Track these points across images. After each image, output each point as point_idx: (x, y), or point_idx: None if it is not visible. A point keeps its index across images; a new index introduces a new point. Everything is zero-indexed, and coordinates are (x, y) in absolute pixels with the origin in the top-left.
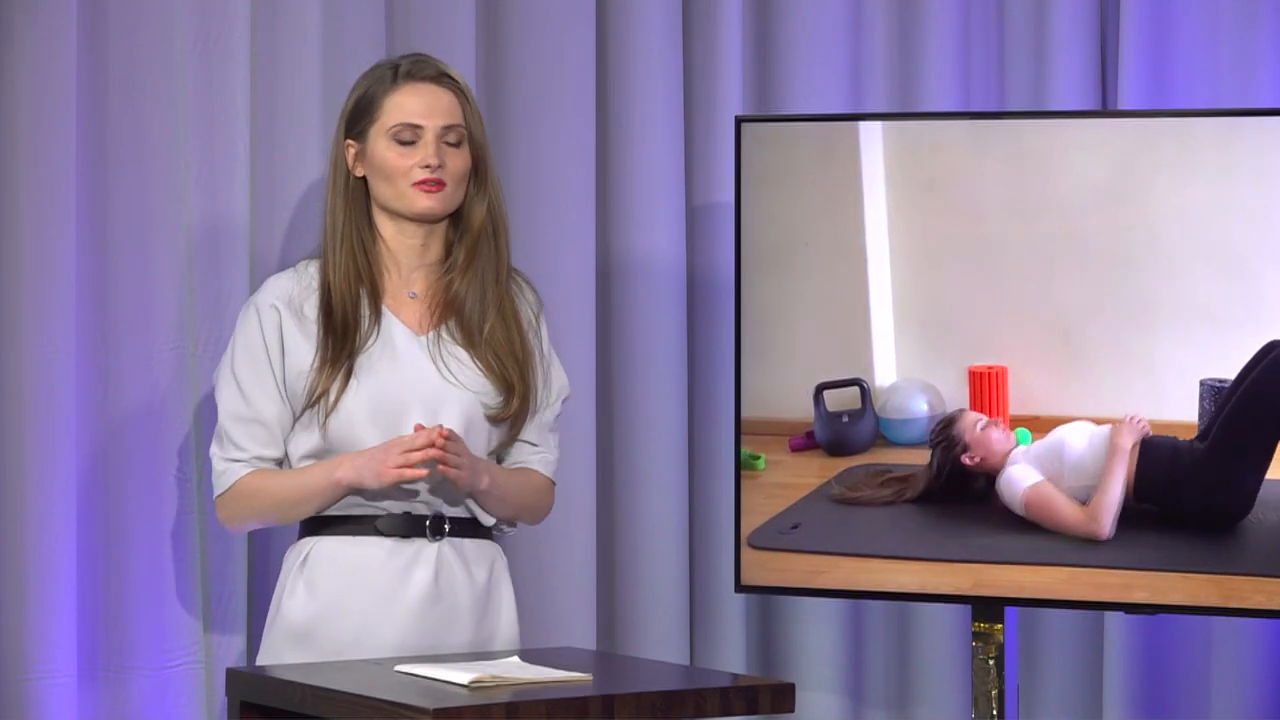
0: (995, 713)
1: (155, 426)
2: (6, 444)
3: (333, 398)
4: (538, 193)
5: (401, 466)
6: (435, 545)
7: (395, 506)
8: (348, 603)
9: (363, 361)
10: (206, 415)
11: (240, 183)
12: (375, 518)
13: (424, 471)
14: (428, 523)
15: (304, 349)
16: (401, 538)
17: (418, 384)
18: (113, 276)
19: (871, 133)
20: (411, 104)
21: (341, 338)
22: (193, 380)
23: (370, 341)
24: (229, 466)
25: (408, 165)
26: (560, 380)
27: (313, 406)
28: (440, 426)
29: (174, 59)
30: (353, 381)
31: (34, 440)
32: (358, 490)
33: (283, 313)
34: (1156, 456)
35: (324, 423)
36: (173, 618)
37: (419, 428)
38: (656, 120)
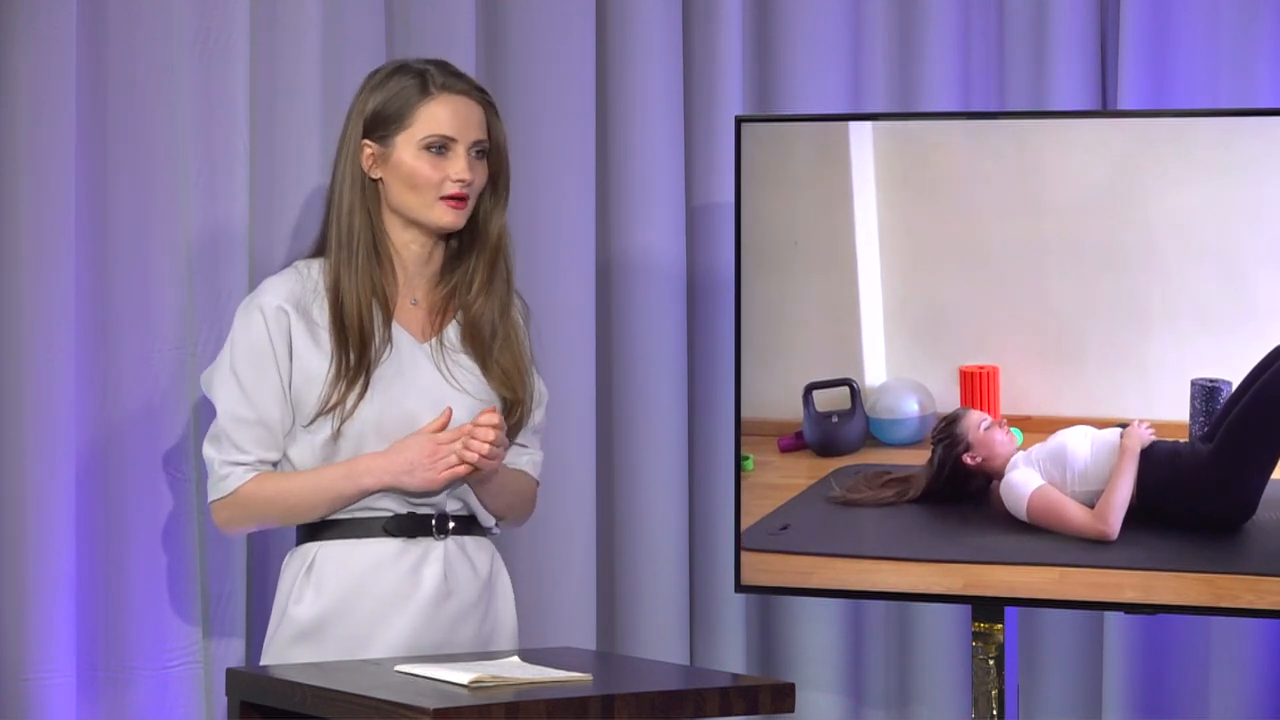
0: (995, 713)
1: (154, 427)
2: (6, 444)
3: (349, 407)
4: (538, 192)
5: (455, 467)
6: (442, 543)
7: (399, 506)
8: (359, 604)
9: (377, 373)
10: (205, 416)
11: (240, 183)
12: (381, 519)
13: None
14: (433, 521)
15: (315, 355)
16: (409, 537)
17: (426, 392)
18: (113, 277)
19: (871, 133)
20: (445, 116)
21: (359, 352)
22: (192, 380)
23: (384, 356)
24: (231, 470)
25: (439, 177)
26: (540, 386)
27: (326, 415)
28: (485, 418)
29: (174, 59)
30: (368, 392)
31: (33, 440)
32: (386, 490)
33: (292, 316)
34: (1156, 461)
35: (338, 430)
36: (172, 618)
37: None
38: (656, 120)
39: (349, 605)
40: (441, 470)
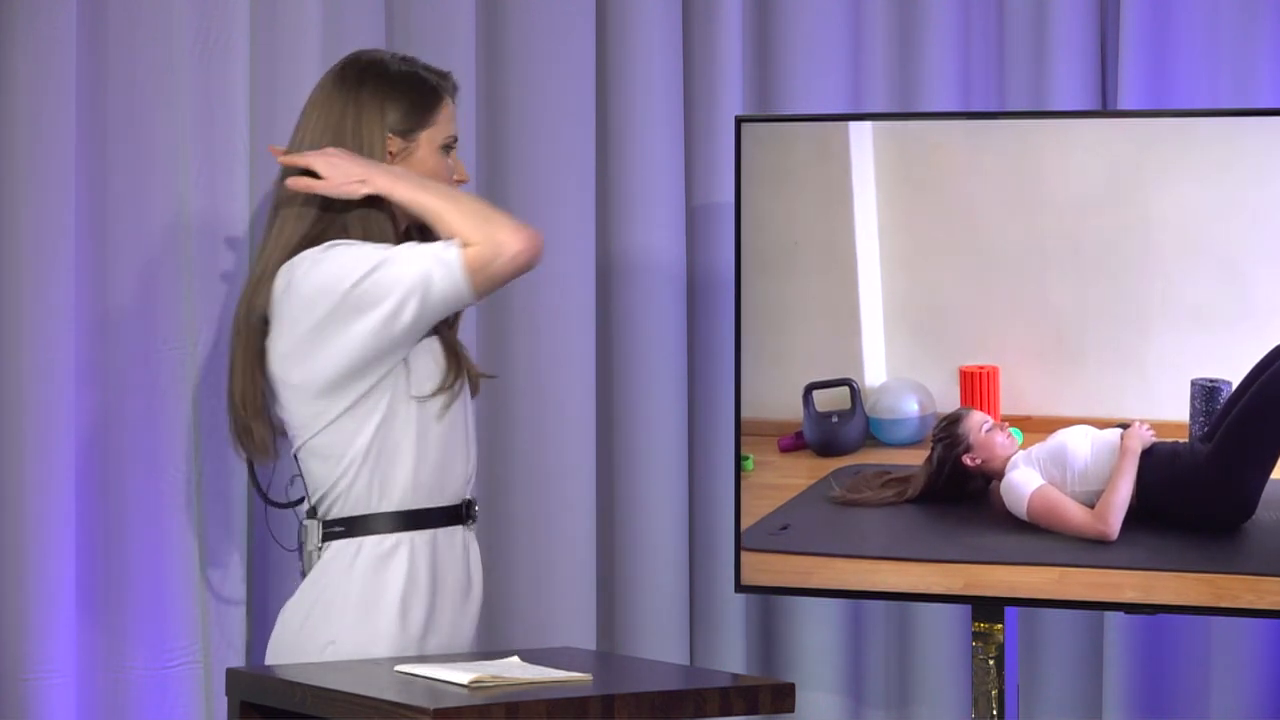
0: (995, 713)
1: (155, 426)
2: (6, 444)
3: (457, 389)
4: (538, 192)
5: None
6: (473, 533)
7: (456, 496)
8: (446, 600)
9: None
10: (206, 415)
11: (240, 183)
12: (456, 507)
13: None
14: (463, 508)
15: None
16: (466, 525)
17: (437, 358)
18: (112, 276)
19: (870, 133)
20: (454, 118)
21: (448, 332)
22: (192, 380)
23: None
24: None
25: (450, 177)
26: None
27: (444, 392)
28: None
29: (174, 59)
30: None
31: (34, 440)
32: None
33: None
34: (1157, 461)
35: (448, 405)
36: (172, 618)
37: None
38: (656, 120)
39: (442, 601)
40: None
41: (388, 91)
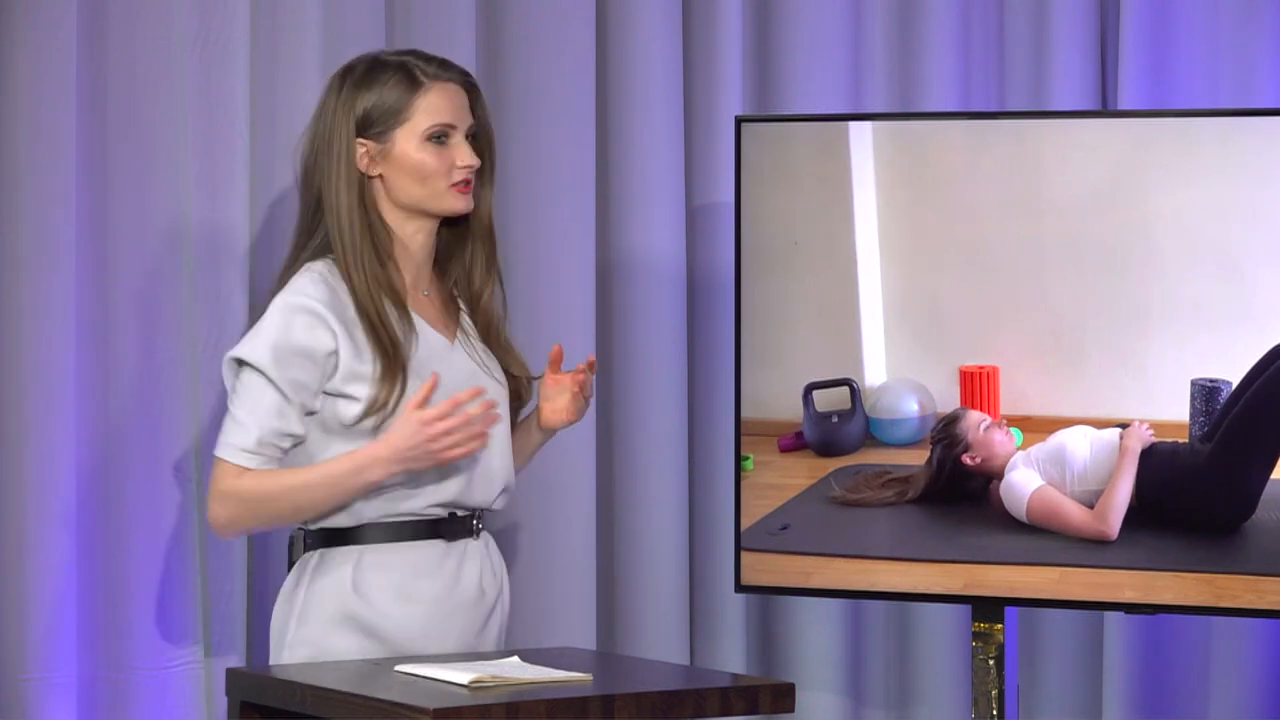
0: (995, 713)
1: (155, 427)
2: (6, 444)
3: (391, 406)
4: (538, 192)
5: (459, 444)
6: (478, 543)
7: (440, 510)
8: (411, 612)
9: (412, 366)
10: (206, 415)
11: (240, 183)
12: (427, 521)
13: (483, 442)
14: (474, 521)
15: (353, 356)
16: (451, 540)
17: (463, 381)
18: (113, 277)
19: (870, 133)
20: (443, 105)
21: (395, 349)
22: (193, 381)
23: (415, 348)
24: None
25: (445, 166)
26: None
27: (371, 415)
28: (478, 394)
29: (174, 59)
30: (408, 386)
31: (34, 441)
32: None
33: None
34: (1157, 461)
35: (379, 427)
36: (173, 618)
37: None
38: (656, 120)
39: (403, 613)
40: (445, 452)
41: (358, 95)
